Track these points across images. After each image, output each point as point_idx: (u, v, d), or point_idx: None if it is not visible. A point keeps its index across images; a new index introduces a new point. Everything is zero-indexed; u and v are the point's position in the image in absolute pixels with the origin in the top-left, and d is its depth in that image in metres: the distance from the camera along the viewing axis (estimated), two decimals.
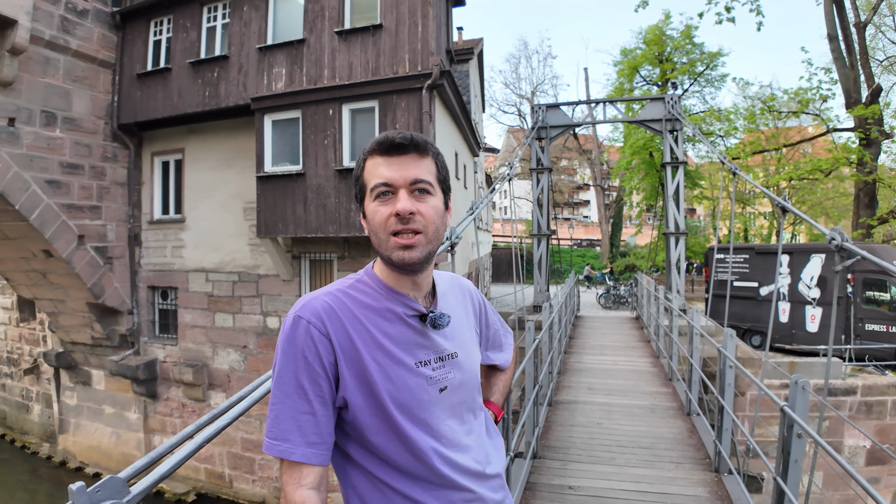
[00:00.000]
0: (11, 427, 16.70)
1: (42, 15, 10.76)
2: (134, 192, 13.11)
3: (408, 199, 1.29)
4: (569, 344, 11.96)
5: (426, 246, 1.32)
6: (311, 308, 1.31)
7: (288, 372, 1.28)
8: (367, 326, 1.33)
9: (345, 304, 1.34)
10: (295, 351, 1.28)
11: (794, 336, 15.22)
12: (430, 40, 10.15)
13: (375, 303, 1.37)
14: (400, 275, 1.38)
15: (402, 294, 1.39)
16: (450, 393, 1.40)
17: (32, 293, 12.95)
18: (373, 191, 1.32)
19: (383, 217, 1.30)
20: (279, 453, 1.25)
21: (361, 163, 1.37)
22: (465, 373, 1.44)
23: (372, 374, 1.30)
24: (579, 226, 48.64)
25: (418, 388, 1.34)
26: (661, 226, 22.67)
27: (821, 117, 20.16)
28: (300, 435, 1.26)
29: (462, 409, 1.44)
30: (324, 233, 10.72)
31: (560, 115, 15.99)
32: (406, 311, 1.38)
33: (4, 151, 10.21)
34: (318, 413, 1.28)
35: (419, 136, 1.35)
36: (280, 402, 1.27)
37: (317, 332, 1.28)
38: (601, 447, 6.02)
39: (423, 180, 1.32)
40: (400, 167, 1.31)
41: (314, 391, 1.27)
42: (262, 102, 11.09)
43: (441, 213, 1.37)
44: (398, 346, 1.34)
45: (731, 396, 5.32)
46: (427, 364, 1.37)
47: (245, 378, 12.28)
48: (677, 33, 24.84)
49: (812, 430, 3.27)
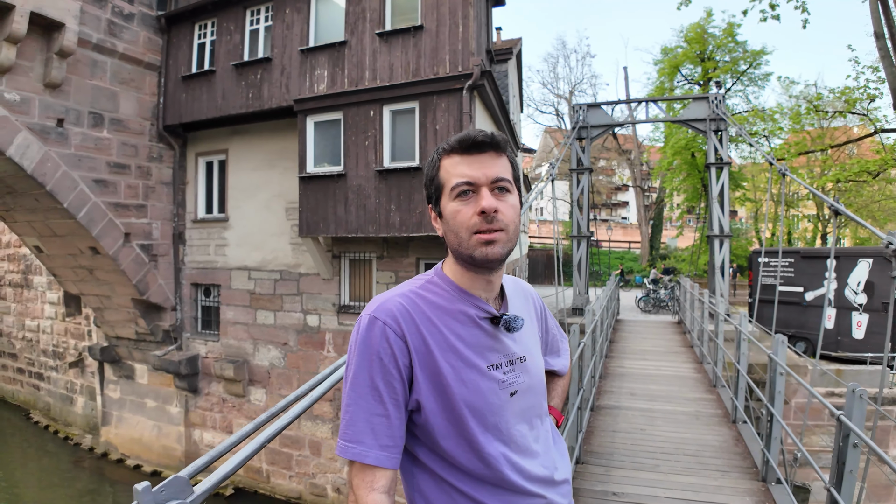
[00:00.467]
0: (55, 418, 17.18)
1: (89, 18, 11.04)
2: (178, 192, 13.35)
3: (491, 197, 1.29)
4: (609, 348, 11.81)
5: (507, 243, 1.31)
6: (385, 309, 1.30)
7: (363, 373, 1.27)
8: (440, 328, 1.32)
9: (418, 306, 1.33)
10: (370, 352, 1.27)
11: (840, 343, 14.77)
12: (471, 41, 10.11)
13: (447, 304, 1.36)
14: (475, 274, 1.37)
15: (474, 296, 1.38)
16: (520, 397, 1.38)
17: (79, 289, 13.28)
18: (453, 190, 1.31)
19: (466, 216, 1.29)
20: (353, 456, 1.24)
21: (436, 162, 1.36)
22: (532, 377, 1.43)
23: (445, 377, 1.29)
24: (617, 227, 48.10)
25: (490, 391, 1.32)
26: (702, 228, 22.27)
27: (868, 117, 19.55)
28: (373, 437, 1.25)
29: (531, 413, 1.42)
30: (364, 233, 10.77)
31: (601, 114, 15.80)
32: (478, 314, 1.36)
33: (54, 151, 10.48)
34: (391, 415, 1.26)
35: (498, 135, 1.34)
36: (354, 404, 1.27)
37: (392, 333, 1.27)
38: (645, 454, 5.92)
39: (503, 178, 1.32)
40: (481, 165, 1.31)
41: (388, 393, 1.26)
42: (304, 104, 11.18)
43: (518, 211, 1.37)
44: (470, 349, 1.33)
45: (782, 404, 5.20)
46: (498, 367, 1.35)
47: (285, 375, 12.42)
48: (719, 31, 24.34)
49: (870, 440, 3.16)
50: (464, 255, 1.32)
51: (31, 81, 10.20)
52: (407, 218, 10.36)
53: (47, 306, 17.51)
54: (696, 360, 10.83)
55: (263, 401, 12.68)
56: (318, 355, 12.08)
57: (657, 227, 37.39)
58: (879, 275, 13.09)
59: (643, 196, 38.54)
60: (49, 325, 17.50)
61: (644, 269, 34.22)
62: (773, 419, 5.11)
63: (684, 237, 33.11)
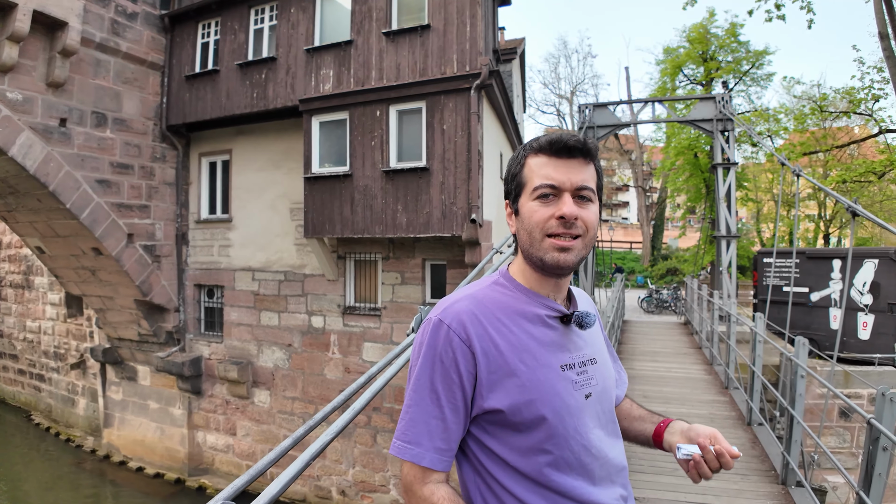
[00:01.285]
0: (57, 420, 17.09)
1: (93, 18, 10.96)
2: (182, 192, 13.27)
3: (572, 204, 1.27)
4: (618, 349, 11.75)
5: (581, 251, 1.29)
6: (452, 313, 1.28)
7: (424, 376, 1.27)
8: (511, 328, 1.29)
9: (486, 307, 1.30)
10: (434, 355, 1.26)
11: (846, 344, 14.72)
12: (479, 40, 10.04)
13: (516, 304, 1.33)
14: (543, 276, 1.35)
15: (542, 296, 1.36)
16: (595, 400, 1.34)
17: (81, 290, 13.19)
18: (535, 190, 1.29)
19: (542, 217, 1.28)
20: (411, 457, 1.25)
21: (522, 159, 1.35)
22: (605, 379, 1.39)
23: (519, 377, 1.25)
24: (618, 227, 48.03)
25: (566, 392, 1.28)
26: (705, 228, 22.17)
27: (873, 117, 19.51)
28: (429, 439, 1.25)
29: (606, 418, 1.38)
30: (370, 234, 10.69)
31: (607, 114, 15.75)
32: (548, 313, 1.34)
33: (56, 151, 10.40)
34: (448, 419, 1.25)
35: (590, 141, 1.32)
36: (415, 405, 1.27)
37: (457, 338, 1.25)
38: (664, 457, 5.83)
39: (587, 187, 1.29)
40: (567, 170, 1.29)
41: (447, 397, 1.25)
42: (309, 104, 11.10)
43: (598, 220, 1.34)
44: (543, 348, 1.30)
45: (802, 407, 5.14)
46: (571, 368, 1.32)
47: (290, 376, 12.33)
48: (722, 31, 24.23)
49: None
50: (534, 256, 1.30)
51: (34, 81, 10.11)
52: (414, 219, 10.29)
53: (48, 307, 17.42)
54: (706, 361, 10.77)
55: (268, 403, 12.59)
56: (323, 356, 11.99)
57: (659, 228, 37.36)
58: (885, 275, 13.05)
59: (645, 196, 38.50)
60: (50, 326, 17.41)
61: (646, 269, 34.18)
62: (794, 421, 5.04)
63: (686, 237, 33.05)
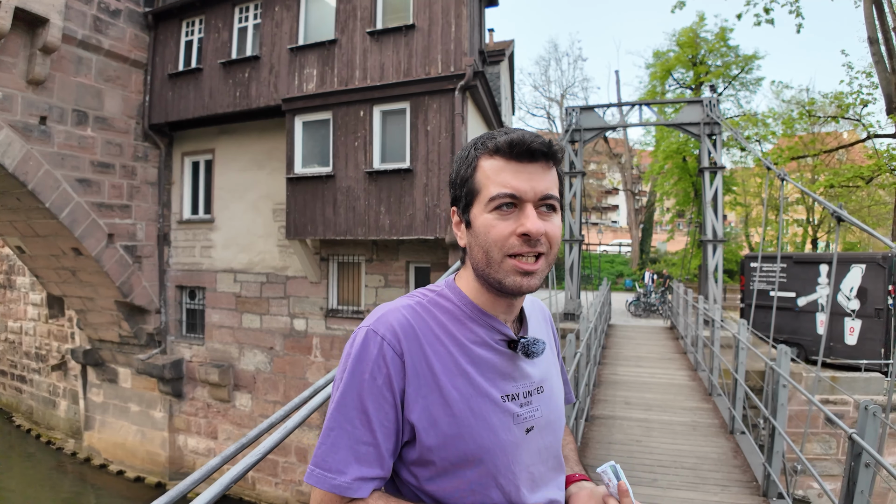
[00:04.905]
0: (38, 422, 16.85)
1: (75, 14, 10.80)
2: (164, 192, 13.11)
3: (537, 218, 1.07)
4: (602, 354, 11.66)
5: (545, 271, 1.11)
6: (386, 323, 1.10)
7: (351, 393, 1.08)
8: (450, 349, 1.12)
9: (425, 321, 1.13)
10: (362, 370, 1.08)
11: (832, 349, 14.71)
12: (464, 40, 9.95)
13: (459, 322, 1.15)
14: (497, 297, 1.16)
15: (492, 316, 1.17)
16: (536, 434, 1.18)
17: (62, 290, 13.01)
18: (492, 200, 1.09)
19: (502, 235, 1.08)
20: (332, 488, 1.05)
21: (473, 160, 1.14)
22: (552, 410, 1.23)
23: (451, 406, 1.09)
24: (607, 231, 48.07)
25: (503, 427, 1.12)
26: (693, 232, 22.16)
27: (861, 122, 19.54)
28: (358, 468, 1.06)
29: (548, 454, 1.22)
30: (353, 235, 10.58)
31: (594, 117, 15.70)
32: (494, 336, 1.16)
33: (36, 150, 10.23)
34: (381, 445, 1.07)
35: (555, 143, 1.12)
36: (339, 428, 1.07)
37: (390, 350, 1.08)
38: (642, 467, 5.76)
39: (552, 196, 1.11)
40: (530, 177, 1.09)
41: (379, 419, 1.07)
42: (293, 103, 10.98)
43: (561, 232, 1.16)
44: (483, 376, 1.13)
45: (785, 417, 5.05)
46: (514, 399, 1.15)
47: (271, 380, 12.20)
48: (711, 35, 24.32)
49: (886, 461, 3.01)
50: (491, 278, 1.11)
51: (14, 78, 9.94)
52: (397, 221, 10.18)
53: (30, 308, 17.19)
54: (691, 367, 10.70)
55: (249, 406, 12.44)
56: (305, 360, 11.86)
57: (647, 231, 37.39)
58: (872, 281, 13.04)
59: (634, 200, 38.54)
60: (32, 326, 17.18)
61: (634, 272, 34.18)
62: (776, 433, 4.95)
63: (675, 241, 33.11)
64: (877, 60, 17.89)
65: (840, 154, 25.49)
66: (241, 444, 1.73)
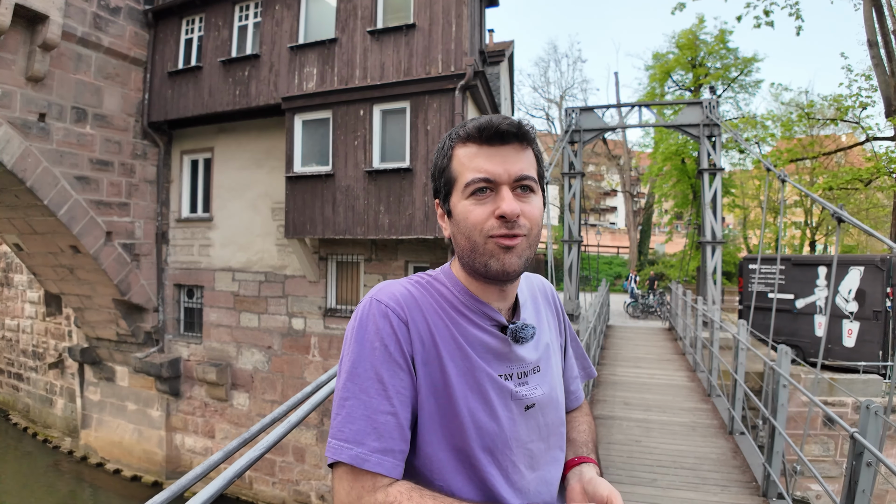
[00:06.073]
0: (34, 420, 16.81)
1: (74, 11, 10.77)
2: (163, 190, 13.08)
3: (513, 199, 1.08)
4: (601, 355, 11.66)
5: (526, 251, 1.10)
6: (389, 293, 1.11)
7: (364, 363, 1.05)
8: (448, 324, 1.12)
9: (425, 295, 1.15)
10: (372, 338, 1.06)
11: (831, 351, 14.71)
12: (464, 40, 9.94)
13: (455, 305, 1.16)
14: (487, 284, 1.16)
15: (484, 303, 1.17)
16: (537, 412, 1.17)
17: (59, 288, 12.97)
18: (468, 186, 1.09)
19: (479, 218, 1.08)
20: (351, 459, 1.00)
21: (448, 151, 1.15)
22: (552, 389, 1.22)
23: (450, 379, 1.08)
24: (606, 232, 48.07)
25: (501, 403, 1.11)
26: (691, 233, 22.17)
27: (860, 125, 19.56)
28: (377, 438, 1.02)
29: (549, 431, 1.20)
30: (352, 235, 10.56)
31: (594, 118, 15.70)
32: (486, 322, 1.16)
33: (35, 147, 10.20)
34: (399, 413, 1.04)
35: (525, 123, 1.12)
36: (354, 398, 1.04)
37: (396, 318, 1.07)
38: (642, 467, 5.75)
39: (528, 176, 1.10)
40: (503, 160, 1.09)
41: (394, 386, 1.05)
42: (292, 102, 10.97)
43: (542, 214, 1.15)
44: (479, 355, 1.12)
45: (784, 417, 5.05)
46: (510, 378, 1.14)
47: (269, 379, 12.17)
48: (711, 38, 24.30)
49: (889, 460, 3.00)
50: (477, 263, 1.11)
51: (14, 75, 9.91)
52: (396, 220, 10.17)
53: (27, 305, 17.15)
54: (689, 367, 10.71)
55: (247, 405, 12.41)
56: (303, 359, 11.84)
57: (646, 233, 37.37)
58: (871, 283, 13.04)
59: (632, 201, 38.53)
60: (29, 324, 17.13)
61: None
62: (776, 432, 4.94)
63: (673, 243, 33.11)
64: (876, 63, 17.92)
65: (839, 157, 25.52)
66: (243, 440, 1.72)
